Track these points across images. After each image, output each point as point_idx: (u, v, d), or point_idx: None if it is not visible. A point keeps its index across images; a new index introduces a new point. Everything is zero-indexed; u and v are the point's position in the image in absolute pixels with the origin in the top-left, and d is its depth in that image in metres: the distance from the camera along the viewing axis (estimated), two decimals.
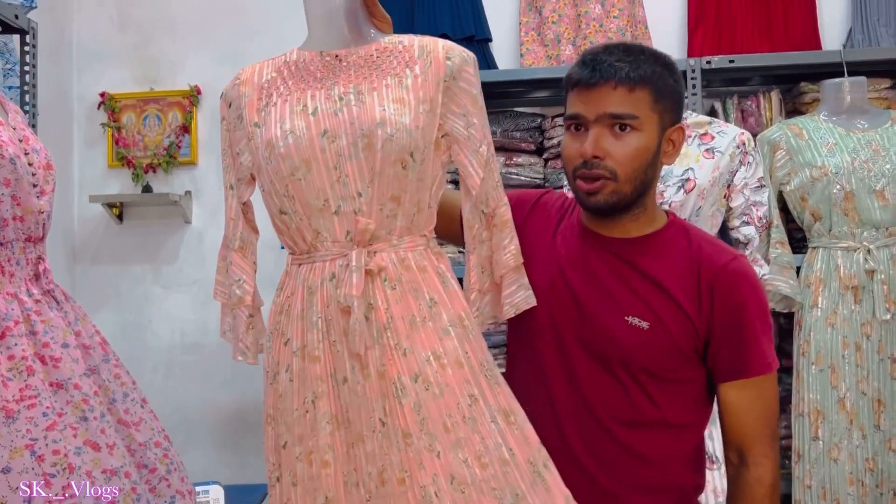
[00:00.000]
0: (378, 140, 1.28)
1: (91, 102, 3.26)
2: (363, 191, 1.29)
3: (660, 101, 1.34)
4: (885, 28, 2.83)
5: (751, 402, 1.36)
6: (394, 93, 1.31)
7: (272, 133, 1.32)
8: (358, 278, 1.26)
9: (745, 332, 1.35)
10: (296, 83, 1.36)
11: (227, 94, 1.43)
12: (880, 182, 2.33)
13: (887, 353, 2.32)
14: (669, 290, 1.34)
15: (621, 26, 2.87)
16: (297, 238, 1.34)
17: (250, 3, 3.22)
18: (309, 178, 1.30)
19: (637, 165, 1.33)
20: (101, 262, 3.27)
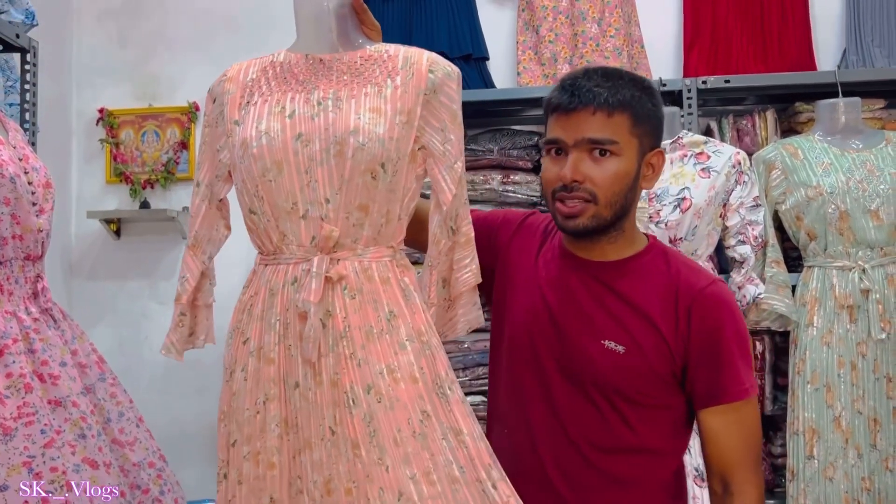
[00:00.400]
0: (349, 148, 1.28)
1: (90, 118, 3.27)
2: (331, 197, 1.30)
3: (639, 126, 1.34)
4: (878, 49, 2.86)
5: (730, 429, 1.34)
6: (371, 102, 1.32)
7: (248, 132, 1.33)
8: (317, 284, 1.26)
9: (721, 357, 1.33)
10: (278, 84, 1.37)
11: (212, 90, 1.44)
12: (875, 202, 2.34)
13: (883, 373, 2.33)
14: (647, 313, 1.34)
15: (618, 46, 2.90)
16: (265, 239, 1.34)
17: (248, 20, 3.24)
18: (279, 180, 1.30)
19: (617, 189, 1.33)
20: (98, 277, 3.27)
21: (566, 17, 2.95)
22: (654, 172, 1.39)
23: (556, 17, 2.95)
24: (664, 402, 1.36)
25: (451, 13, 3.01)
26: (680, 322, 1.33)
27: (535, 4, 2.98)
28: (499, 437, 1.43)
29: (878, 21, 2.87)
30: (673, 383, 1.35)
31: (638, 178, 1.37)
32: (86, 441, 1.43)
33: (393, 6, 3.02)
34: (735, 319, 1.36)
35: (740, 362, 1.34)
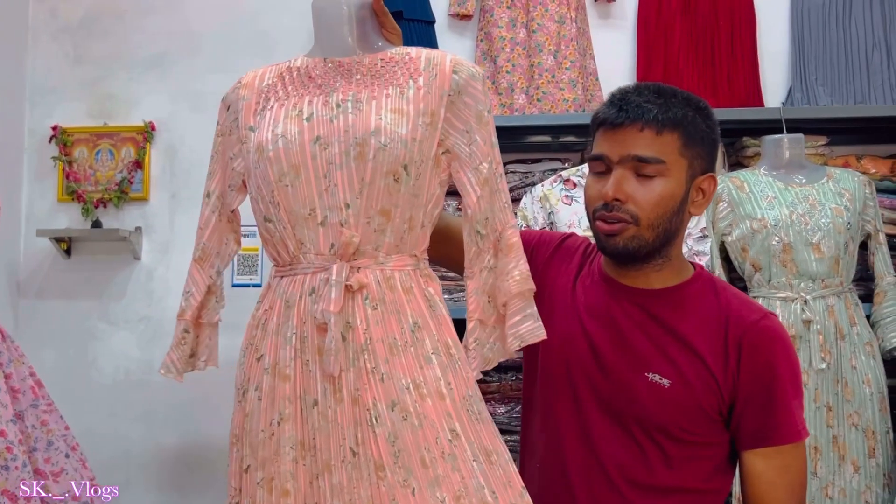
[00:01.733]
0: (370, 149, 1.22)
1: (43, 136, 3.23)
2: (351, 202, 1.23)
3: (689, 147, 1.26)
4: (822, 87, 2.96)
5: (776, 474, 1.25)
6: (393, 103, 1.26)
7: (263, 136, 1.27)
8: (337, 294, 1.19)
9: (774, 396, 1.25)
10: (295, 88, 1.32)
11: (226, 98, 1.39)
12: (816, 235, 2.41)
13: (823, 402, 2.38)
14: (694, 345, 1.26)
15: (573, 78, 2.96)
16: (281, 248, 1.27)
17: (207, 41, 3.24)
18: (297, 184, 1.24)
19: (661, 212, 1.25)
20: (47, 296, 3.22)
21: (523, 49, 3.01)
22: (705, 198, 1.31)
23: (513, 49, 3.01)
24: (708, 440, 1.28)
25: (410, 41, 3.04)
26: (730, 357, 1.24)
27: (492, 35, 3.03)
28: (531, 471, 1.37)
29: (823, 61, 2.98)
30: (719, 421, 1.27)
31: (685, 203, 1.28)
32: (8, 473, 1.39)
33: None
34: (789, 356, 1.27)
35: (794, 402, 1.26)
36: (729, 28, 3.00)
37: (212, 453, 3.08)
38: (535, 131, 2.96)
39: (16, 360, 1.63)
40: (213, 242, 1.40)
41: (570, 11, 3.00)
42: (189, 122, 3.21)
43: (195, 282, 1.38)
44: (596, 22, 3.12)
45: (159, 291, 3.19)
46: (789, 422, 1.25)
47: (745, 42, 3.01)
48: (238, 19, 3.24)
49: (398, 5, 3.02)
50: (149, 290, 3.19)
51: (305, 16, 3.16)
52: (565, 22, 2.99)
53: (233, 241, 1.42)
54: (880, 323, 2.50)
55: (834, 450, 2.38)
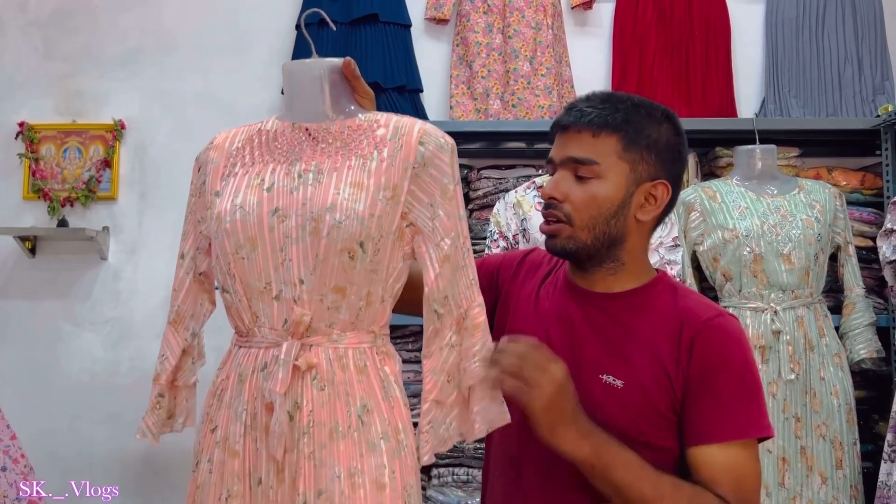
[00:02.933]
0: (325, 225, 1.19)
1: (9, 132, 3.17)
2: (305, 278, 1.20)
3: (630, 151, 1.26)
4: (795, 99, 2.98)
5: (719, 471, 1.19)
6: (354, 175, 1.22)
7: (223, 206, 1.25)
8: (284, 374, 1.17)
9: (720, 391, 1.21)
10: (261, 154, 1.29)
11: (199, 158, 1.36)
12: (787, 246, 2.42)
13: (792, 413, 2.39)
14: (650, 346, 1.25)
15: (549, 84, 2.95)
16: (237, 320, 1.26)
17: (180, 39, 3.20)
18: (253, 257, 1.22)
19: (594, 213, 1.26)
20: (10, 296, 3.15)
21: (499, 54, 3.00)
22: (656, 205, 1.29)
23: (489, 54, 3.00)
24: (665, 444, 1.24)
25: (386, 44, 3.03)
26: (682, 355, 1.23)
27: (469, 40, 3.02)
28: (492, 485, 1.36)
29: (796, 73, 3.00)
30: (675, 422, 1.24)
31: (627, 207, 1.27)
32: None
33: (328, 34, 3.02)
34: (742, 353, 1.24)
35: (742, 399, 1.22)
36: (704, 38, 3.02)
37: (176, 458, 3.02)
38: (509, 137, 2.95)
39: None
40: (188, 304, 1.36)
41: (546, 18, 3.00)
42: (160, 121, 3.17)
43: (170, 345, 1.35)
44: (572, 29, 3.12)
45: (126, 292, 3.13)
46: (735, 418, 1.21)
47: (720, 53, 3.03)
48: (213, 18, 3.21)
49: (374, 8, 3.01)
50: (115, 291, 3.13)
51: (281, 16, 3.16)
52: (541, 28, 2.99)
53: (207, 302, 1.38)
54: (849, 334, 2.52)
55: (802, 461, 2.38)
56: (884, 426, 2.52)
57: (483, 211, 2.83)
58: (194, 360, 1.38)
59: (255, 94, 3.14)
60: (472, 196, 2.87)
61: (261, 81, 3.15)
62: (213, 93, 3.17)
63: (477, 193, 2.85)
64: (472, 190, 2.87)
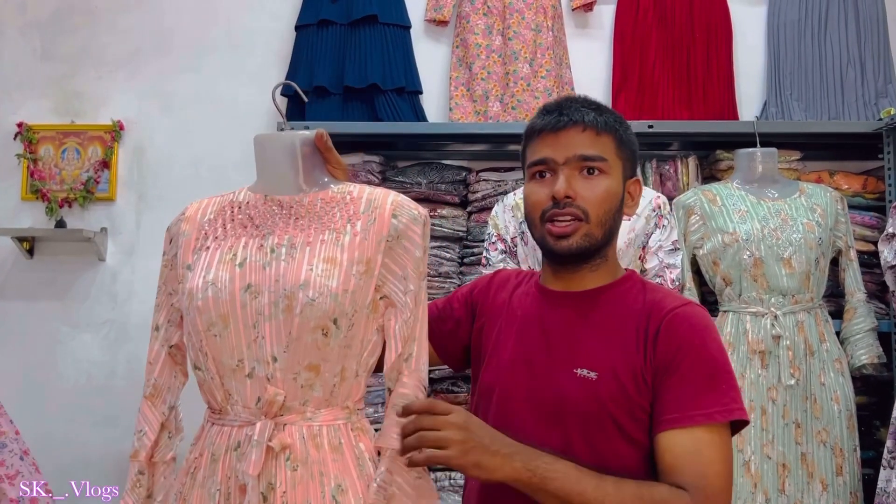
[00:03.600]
0: (298, 303, 1.18)
1: (7, 132, 3.16)
2: (278, 355, 1.19)
3: (622, 150, 1.33)
4: (797, 102, 2.96)
5: (683, 458, 1.18)
6: (327, 250, 1.22)
7: (195, 282, 1.23)
8: (258, 455, 1.16)
9: (683, 376, 1.21)
10: (234, 227, 1.28)
11: (170, 229, 1.34)
12: (787, 250, 2.40)
13: (792, 418, 2.37)
14: (620, 339, 1.26)
15: (548, 87, 2.94)
16: (210, 397, 1.25)
17: (178, 40, 3.19)
18: (225, 335, 1.20)
19: (607, 208, 1.30)
20: (8, 297, 3.14)
21: (499, 56, 2.99)
22: (634, 201, 1.37)
23: (488, 56, 2.98)
24: (642, 438, 1.24)
25: (385, 45, 3.02)
26: (648, 345, 1.24)
27: (468, 42, 3.00)
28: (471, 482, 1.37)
29: (798, 76, 2.98)
30: (646, 409, 1.24)
31: (622, 203, 1.35)
32: None
33: (327, 35, 3.01)
34: (706, 339, 1.24)
35: (707, 383, 1.20)
36: (705, 41, 3.00)
37: None
38: (508, 139, 2.93)
39: None
40: (164, 377, 1.33)
41: (546, 20, 2.98)
42: (158, 122, 3.16)
43: (147, 420, 1.32)
44: (573, 31, 3.11)
45: (123, 294, 3.12)
46: (699, 402, 1.19)
47: (721, 55, 3.01)
48: (211, 19, 3.20)
49: (374, 9, 3.00)
50: (113, 292, 3.12)
51: (280, 17, 3.15)
52: (542, 30, 2.97)
53: (180, 374, 1.35)
54: (850, 340, 2.49)
55: (802, 467, 2.36)
56: (885, 432, 2.50)
57: (481, 213, 2.81)
58: (171, 434, 1.34)
59: (254, 96, 3.13)
60: (470, 198, 2.85)
61: (259, 83, 3.13)
62: (211, 94, 3.15)
63: (475, 196, 2.83)
64: (470, 192, 2.86)
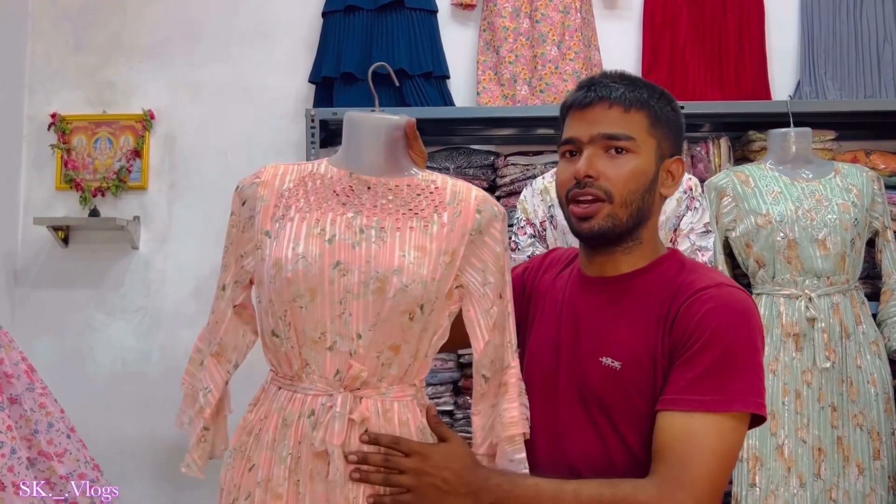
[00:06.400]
0: (391, 287, 1.22)
1: (41, 123, 3.20)
2: (363, 333, 1.23)
3: (656, 128, 1.27)
4: (832, 81, 2.90)
5: (669, 441, 1.14)
6: (417, 238, 1.26)
7: (283, 252, 1.25)
8: (340, 426, 1.21)
9: (695, 357, 1.15)
10: (317, 200, 1.30)
11: (242, 190, 1.35)
12: (822, 231, 2.36)
13: (827, 402, 2.33)
14: (642, 322, 1.22)
15: (577, 69, 2.91)
16: (283, 363, 1.28)
17: (207, 30, 3.21)
18: (311, 307, 1.23)
19: (633, 188, 1.25)
20: (44, 285, 3.19)
21: (526, 39, 2.96)
22: (675, 181, 1.30)
23: (516, 39, 2.96)
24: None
25: (412, 30, 3.01)
26: (667, 324, 1.19)
27: (496, 25, 2.98)
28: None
29: (832, 54, 2.92)
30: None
31: (656, 182, 1.28)
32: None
33: (354, 20, 3.01)
34: (728, 324, 1.16)
35: (720, 370, 1.14)
36: (737, 20, 2.95)
37: None
38: (537, 123, 2.91)
39: (6, 345, 1.61)
40: (230, 337, 1.36)
41: (574, 1, 2.95)
42: (188, 110, 3.19)
43: (213, 378, 1.35)
44: (601, 12, 3.07)
45: (157, 281, 3.16)
46: (703, 388, 1.13)
47: (753, 34, 2.96)
48: (239, 8, 3.21)
49: None
50: (146, 280, 3.16)
51: (308, 4, 3.15)
52: (570, 12, 2.94)
53: (250, 333, 1.37)
54: (887, 322, 2.45)
55: (838, 451, 2.32)
56: None
57: (510, 198, 2.79)
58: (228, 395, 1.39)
59: (283, 83, 3.15)
60: (499, 183, 2.84)
61: (288, 70, 3.15)
62: (240, 82, 3.17)
63: (504, 180, 2.81)
64: (499, 177, 2.84)
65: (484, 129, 3.05)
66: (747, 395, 1.15)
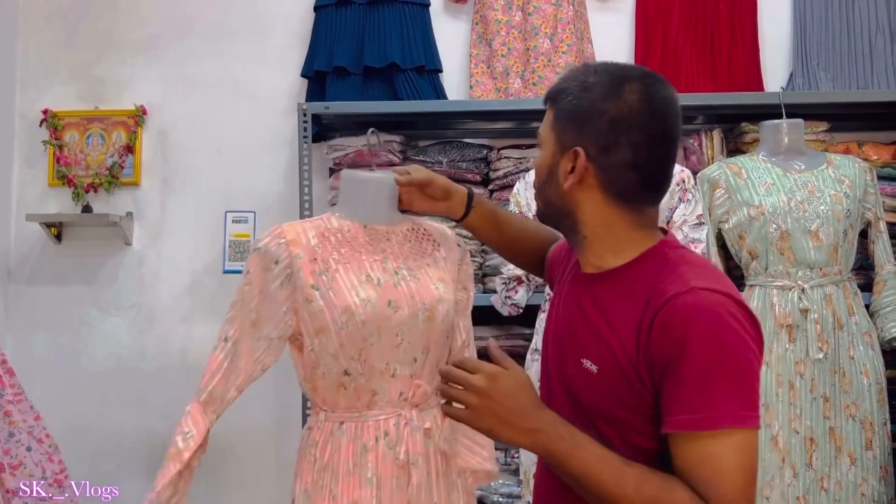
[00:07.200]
0: (439, 314, 1.50)
1: (33, 119, 3.19)
2: (418, 356, 1.48)
3: (558, 120, 1.24)
4: (824, 72, 2.90)
5: (691, 465, 1.08)
6: (437, 273, 1.55)
7: (349, 300, 1.42)
8: (420, 438, 1.45)
9: (681, 379, 1.09)
10: (349, 252, 1.48)
11: (271, 251, 1.44)
12: (815, 223, 2.36)
13: (819, 393, 2.34)
14: (621, 326, 1.17)
15: (569, 62, 2.90)
16: (352, 398, 1.45)
17: (199, 25, 3.20)
18: (378, 343, 1.44)
19: (538, 182, 1.28)
20: (37, 282, 3.19)
21: (519, 32, 2.96)
22: (574, 172, 1.21)
23: (508, 32, 2.95)
24: (647, 428, 1.15)
25: (404, 24, 3.00)
26: (643, 334, 1.13)
27: (488, 18, 2.98)
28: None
29: (825, 46, 2.92)
30: (652, 405, 1.14)
31: (555, 176, 1.24)
32: None
33: (346, 14, 3.00)
34: (707, 334, 1.08)
35: (704, 386, 1.08)
36: (729, 11, 2.94)
37: None
38: (530, 116, 2.91)
39: None
40: (220, 388, 1.42)
41: None
42: (181, 106, 3.18)
43: (197, 424, 1.39)
44: (594, 5, 3.07)
45: (150, 277, 3.16)
46: (692, 406, 1.07)
47: (746, 26, 2.95)
48: (231, 3, 3.20)
49: None
50: (140, 275, 3.16)
51: (300, 0, 3.14)
52: (562, 4, 2.94)
53: (233, 390, 1.43)
54: (880, 312, 2.45)
55: (830, 441, 2.33)
56: None
57: (503, 191, 2.79)
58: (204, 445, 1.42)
59: (275, 78, 3.14)
60: (492, 176, 2.84)
61: (280, 65, 3.14)
62: (233, 77, 3.17)
63: (497, 173, 2.81)
64: (492, 170, 2.84)
65: (477, 122, 3.05)
66: (735, 404, 1.08)
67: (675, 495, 1.07)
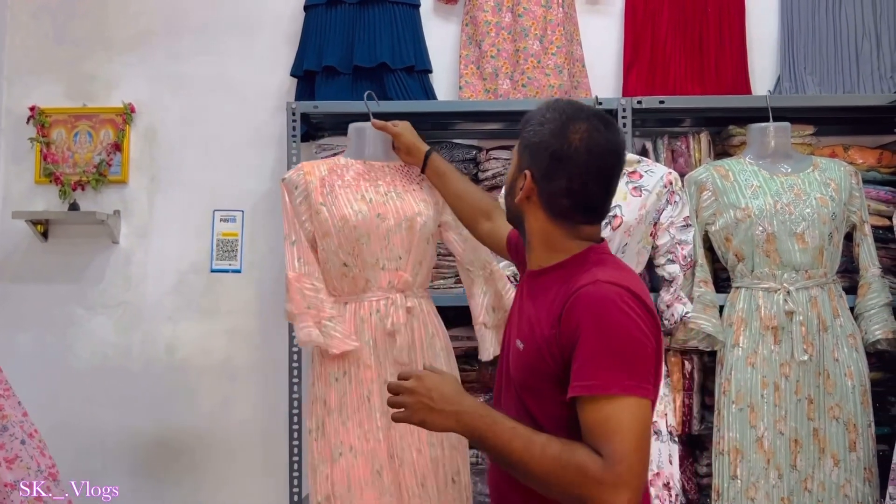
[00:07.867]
0: (417, 224, 2.13)
1: (20, 116, 3.18)
2: (403, 255, 2.12)
3: (521, 147, 1.49)
4: (811, 76, 2.92)
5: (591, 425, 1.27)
6: (420, 195, 2.19)
7: (345, 211, 2.09)
8: (403, 313, 2.10)
9: (580, 352, 1.30)
10: (352, 178, 2.16)
11: (292, 180, 2.15)
12: (800, 225, 2.38)
13: (804, 394, 2.35)
14: (545, 313, 1.39)
15: (559, 63, 2.91)
16: (352, 284, 2.12)
17: (188, 23, 3.19)
18: (368, 243, 2.09)
19: (505, 190, 1.57)
20: (23, 280, 3.17)
21: (508, 33, 2.96)
22: (523, 191, 1.46)
23: (498, 33, 2.96)
24: (558, 396, 1.35)
25: (395, 24, 3.00)
26: (556, 319, 1.36)
27: (478, 19, 2.98)
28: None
29: (812, 50, 2.94)
30: (563, 378, 1.35)
31: (514, 191, 1.50)
32: None
33: (336, 14, 3.00)
34: (598, 315, 1.30)
35: (601, 357, 1.28)
36: (717, 15, 2.96)
37: (188, 440, 3.04)
38: (519, 117, 2.82)
39: None
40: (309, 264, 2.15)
41: None
42: (169, 104, 3.17)
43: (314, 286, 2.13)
44: (583, 7, 3.07)
45: (137, 276, 3.14)
46: (592, 376, 1.28)
47: (734, 29, 2.97)
48: (222, 1, 3.19)
49: None
50: (127, 274, 3.15)
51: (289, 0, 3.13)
52: (552, 6, 2.94)
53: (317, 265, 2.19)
54: (864, 315, 2.47)
55: (814, 443, 2.35)
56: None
57: (492, 192, 2.79)
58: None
59: (264, 77, 3.13)
60: (481, 177, 2.84)
61: (270, 64, 3.13)
62: (221, 75, 3.16)
63: (486, 174, 2.81)
64: (480, 171, 2.84)
65: (466, 123, 3.05)
66: (626, 379, 1.27)
67: (575, 454, 1.26)
